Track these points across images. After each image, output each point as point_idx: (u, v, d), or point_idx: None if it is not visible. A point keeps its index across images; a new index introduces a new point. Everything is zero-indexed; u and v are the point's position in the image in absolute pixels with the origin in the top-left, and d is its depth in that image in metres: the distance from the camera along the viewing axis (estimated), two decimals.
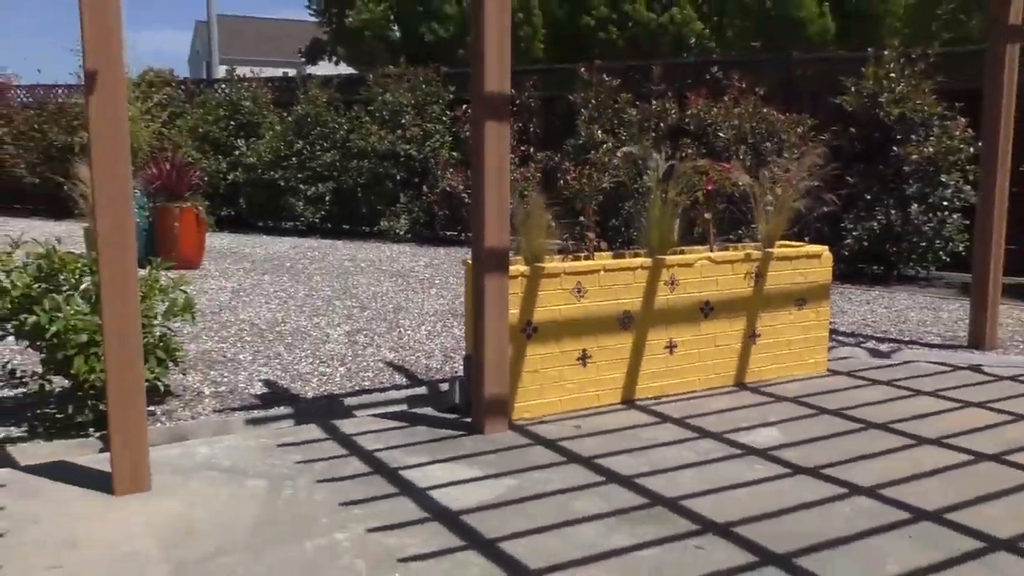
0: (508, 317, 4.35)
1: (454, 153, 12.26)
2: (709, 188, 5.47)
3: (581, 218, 5.03)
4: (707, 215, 5.39)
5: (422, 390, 5.16)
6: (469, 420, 4.49)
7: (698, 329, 5.02)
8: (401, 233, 12.15)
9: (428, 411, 4.73)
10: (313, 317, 7.07)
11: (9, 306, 4.39)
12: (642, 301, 4.83)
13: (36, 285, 4.49)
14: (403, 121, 12.32)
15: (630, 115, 10.71)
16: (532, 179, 11.19)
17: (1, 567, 2.93)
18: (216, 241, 11.85)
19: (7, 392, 4.92)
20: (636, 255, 5.03)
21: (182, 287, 5.08)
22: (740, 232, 8.05)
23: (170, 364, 4.85)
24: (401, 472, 3.82)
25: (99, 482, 3.61)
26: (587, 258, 4.89)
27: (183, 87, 15.17)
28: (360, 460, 3.96)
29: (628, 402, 4.85)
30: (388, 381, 5.39)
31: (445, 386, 5.10)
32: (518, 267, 4.51)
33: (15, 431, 4.43)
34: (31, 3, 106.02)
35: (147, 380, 4.54)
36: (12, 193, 15.75)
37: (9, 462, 4.00)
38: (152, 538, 3.18)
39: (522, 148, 11.76)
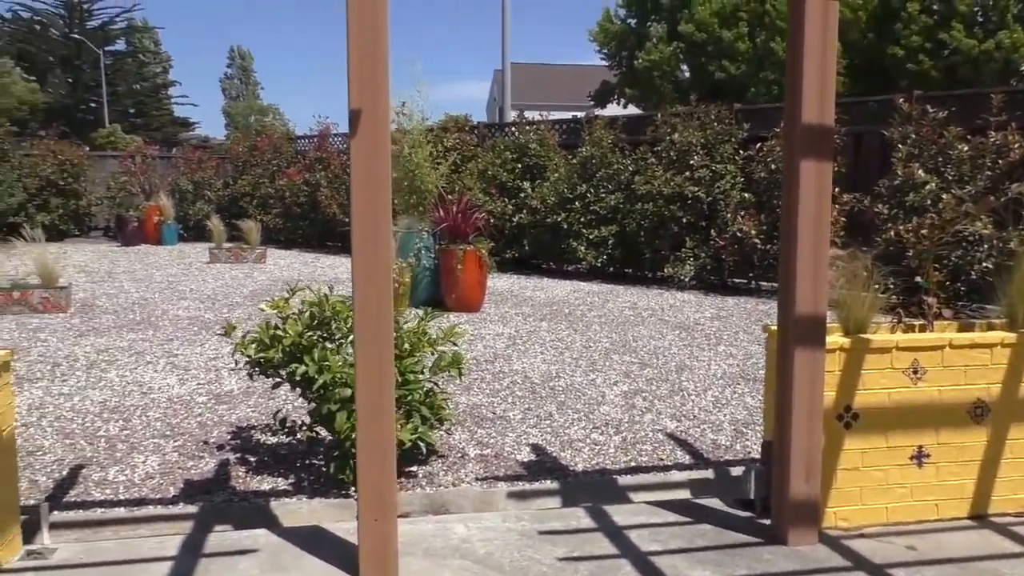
0: (823, 399, 3.51)
1: (745, 195, 11.33)
2: None
3: (918, 279, 4.04)
4: None
5: (708, 473, 4.41)
6: (767, 523, 3.68)
7: None
8: (686, 280, 11.40)
9: (715, 503, 3.98)
10: (589, 372, 6.55)
11: (280, 354, 4.28)
12: (1002, 388, 3.75)
13: (308, 334, 4.36)
14: (691, 161, 11.61)
15: (960, 151, 9.19)
16: (835, 223, 10.00)
17: None
18: (499, 283, 11.85)
19: (283, 438, 4.85)
20: (991, 326, 3.95)
21: (452, 339, 4.77)
22: None
23: (435, 423, 4.53)
24: None
25: (348, 561, 3.27)
26: (925, 329, 3.90)
27: (475, 132, 15.59)
28: (633, 566, 3.30)
29: (979, 518, 3.77)
30: (668, 457, 4.70)
31: (736, 471, 4.32)
32: (836, 338, 3.65)
33: (282, 483, 4.29)
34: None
35: (409, 440, 4.25)
36: (327, 231, 17.07)
37: (269, 521, 3.83)
38: None
39: None
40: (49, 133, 21.05)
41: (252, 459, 4.63)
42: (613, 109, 31.23)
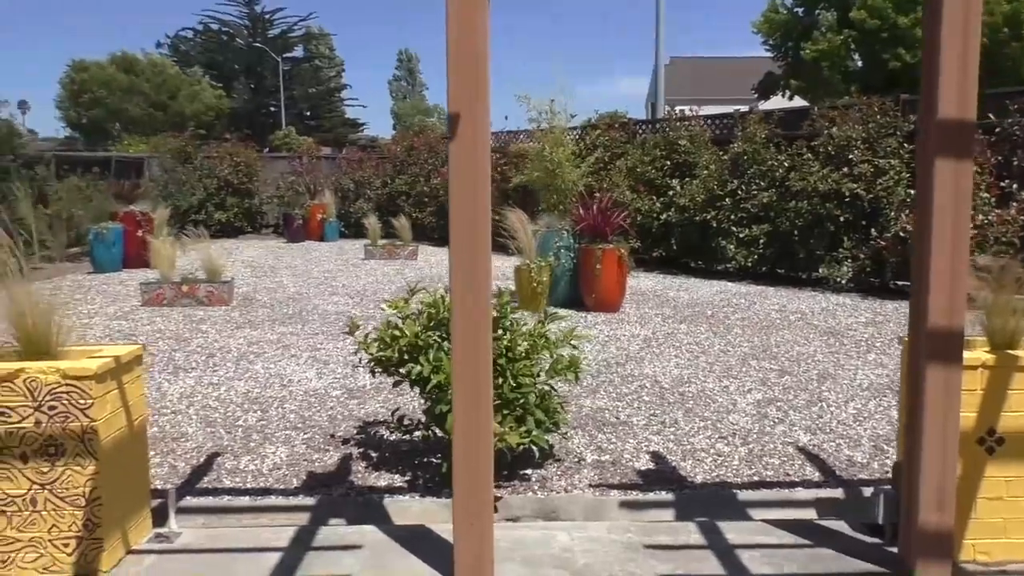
0: (959, 421, 3.19)
1: (911, 191, 10.56)
2: None
3: None
4: None
5: (837, 493, 4.12)
6: (895, 551, 3.39)
7: None
8: (842, 282, 10.77)
9: (841, 527, 3.71)
10: (723, 379, 6.30)
11: (397, 354, 4.35)
12: None
13: (426, 334, 4.41)
14: (850, 157, 10.96)
15: None
16: (1013, 223, 9.17)
17: None
18: (642, 283, 11.65)
19: (405, 435, 4.94)
20: None
21: (572, 342, 4.71)
22: None
23: (550, 426, 4.47)
24: None
25: (447, 565, 3.27)
26: None
27: (625, 128, 15.38)
28: None
29: None
30: (796, 473, 4.44)
31: (868, 491, 4.01)
32: (979, 354, 3.32)
33: (398, 480, 4.37)
34: (508, 62, 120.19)
35: (519, 443, 4.23)
36: None
37: (380, 518, 3.90)
38: None
39: (1000, 185, 9.74)
40: (233, 136, 22.56)
41: (374, 455, 4.74)
42: (777, 102, 30.05)
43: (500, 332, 4.45)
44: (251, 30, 57.23)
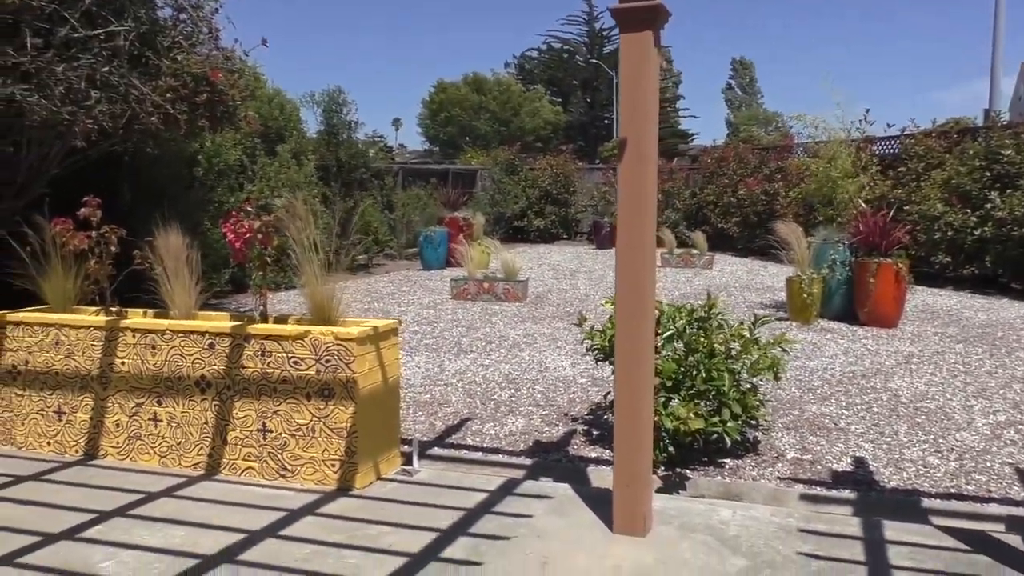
0: None
1: None
2: None
3: None
4: None
5: None
6: None
7: None
8: None
9: (1017, 542, 3.71)
10: (972, 398, 6.09)
11: (609, 344, 4.99)
12: None
13: None
14: None
15: None
16: None
17: (481, 564, 3.43)
18: (939, 300, 11.05)
19: None
20: None
21: (781, 345, 5.04)
22: None
23: (747, 420, 4.85)
24: None
25: (611, 517, 3.87)
26: None
27: (945, 138, 14.40)
28: (867, 574, 3.37)
29: None
30: (1000, 491, 4.38)
31: None
32: None
33: (607, 454, 5.00)
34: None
35: (705, 430, 4.68)
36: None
37: (579, 480, 4.57)
38: None
39: None
40: (567, 148, 24.35)
41: (595, 432, 5.43)
42: None
43: (701, 333, 4.92)
44: (589, 47, 60.25)
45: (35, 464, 4.70)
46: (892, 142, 15.24)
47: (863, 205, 10.36)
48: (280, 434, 4.38)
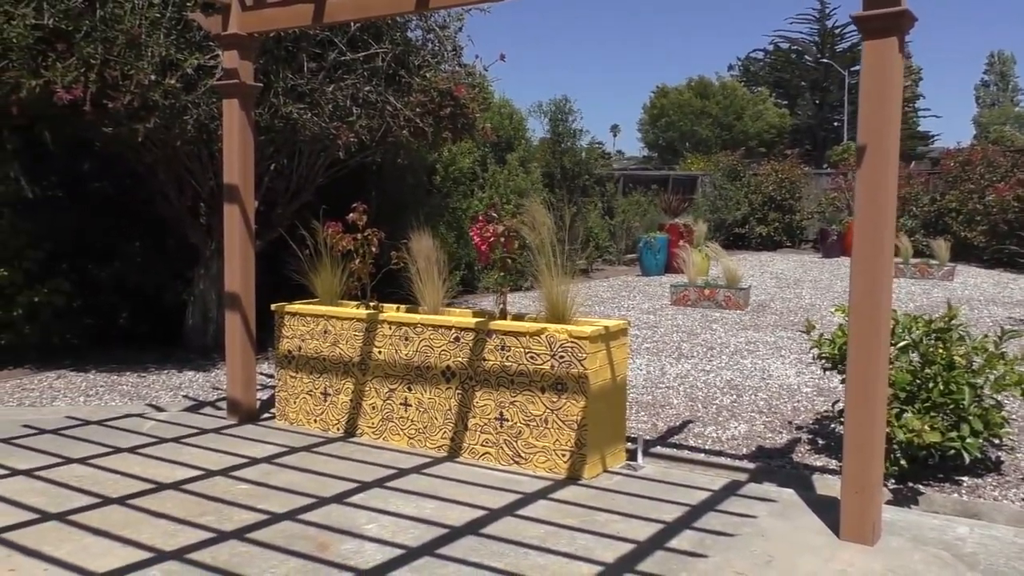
0: None
1: None
2: None
3: None
4: None
5: None
6: None
7: None
8: None
9: None
10: None
11: (838, 352, 4.95)
12: None
13: None
14: None
15: None
16: None
17: (707, 557, 3.58)
18: None
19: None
20: None
21: None
22: None
23: (986, 438, 4.64)
24: None
25: (838, 524, 3.88)
26: None
27: None
28: None
29: None
30: None
31: None
32: None
33: (834, 463, 4.97)
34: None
35: (941, 444, 4.53)
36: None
37: (804, 486, 4.59)
38: None
39: None
40: (792, 152, 23.65)
41: (820, 441, 5.38)
42: None
43: (939, 344, 4.76)
44: (819, 46, 57.55)
45: (304, 438, 5.37)
46: None
47: None
48: (516, 423, 4.75)
